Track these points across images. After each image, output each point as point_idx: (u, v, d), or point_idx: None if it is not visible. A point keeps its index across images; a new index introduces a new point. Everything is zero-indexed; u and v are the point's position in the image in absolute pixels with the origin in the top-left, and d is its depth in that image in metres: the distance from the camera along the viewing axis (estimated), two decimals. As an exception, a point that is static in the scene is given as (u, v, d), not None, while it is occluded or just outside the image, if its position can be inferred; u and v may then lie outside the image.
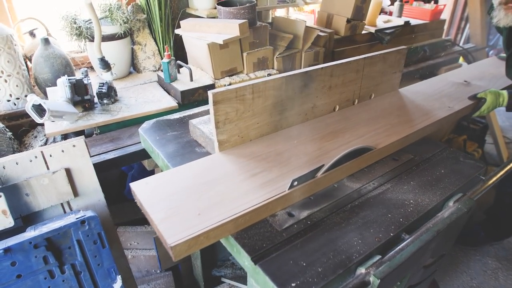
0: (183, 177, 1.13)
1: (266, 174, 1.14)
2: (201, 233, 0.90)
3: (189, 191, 1.06)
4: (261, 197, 1.03)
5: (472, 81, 1.96)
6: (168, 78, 1.96)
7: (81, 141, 1.35)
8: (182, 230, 0.90)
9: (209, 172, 1.15)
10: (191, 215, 0.96)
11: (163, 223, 0.93)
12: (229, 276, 1.88)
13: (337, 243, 0.99)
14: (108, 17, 2.05)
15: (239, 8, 1.98)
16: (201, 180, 1.11)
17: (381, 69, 1.65)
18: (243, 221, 0.98)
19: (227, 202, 1.01)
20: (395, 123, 1.47)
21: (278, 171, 1.16)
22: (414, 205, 1.14)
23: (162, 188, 1.07)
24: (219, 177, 1.13)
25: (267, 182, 1.10)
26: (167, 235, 0.88)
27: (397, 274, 0.98)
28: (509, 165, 1.44)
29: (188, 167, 1.19)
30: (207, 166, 1.18)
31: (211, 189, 1.07)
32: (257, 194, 1.04)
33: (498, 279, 2.22)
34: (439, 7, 3.14)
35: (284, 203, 1.08)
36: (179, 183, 1.10)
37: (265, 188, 1.07)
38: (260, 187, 1.07)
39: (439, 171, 1.32)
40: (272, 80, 1.27)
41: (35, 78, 1.91)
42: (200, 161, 1.22)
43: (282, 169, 1.17)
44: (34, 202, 1.28)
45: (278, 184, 1.09)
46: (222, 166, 1.18)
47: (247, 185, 1.08)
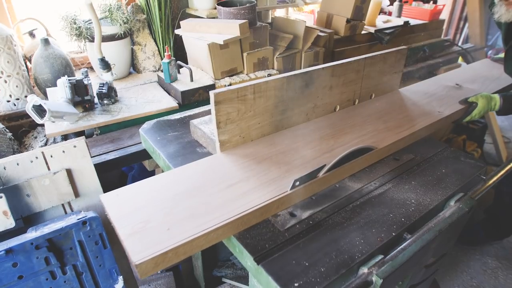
0: (161, 186, 1.07)
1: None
2: (169, 249, 0.84)
3: (163, 203, 1.00)
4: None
5: (464, 84, 1.91)
6: (168, 79, 1.96)
7: (82, 142, 1.35)
8: (149, 247, 0.85)
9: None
10: (160, 230, 0.90)
11: (129, 238, 0.88)
12: (230, 276, 1.88)
13: (339, 243, 0.99)
14: (108, 17, 2.05)
15: (239, 8, 1.98)
16: (183, 187, 1.06)
17: (381, 69, 1.66)
18: (215, 235, 0.93)
19: (202, 213, 0.96)
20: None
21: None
22: (415, 205, 1.14)
23: (134, 200, 1.02)
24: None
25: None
26: (133, 252, 0.83)
27: (400, 274, 0.98)
28: (509, 164, 1.45)
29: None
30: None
31: (187, 199, 1.02)
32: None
33: (498, 278, 2.22)
34: (438, 7, 3.15)
35: (286, 204, 1.08)
36: (154, 193, 1.04)
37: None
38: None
39: (440, 170, 1.33)
40: (273, 80, 1.27)
41: (35, 78, 1.90)
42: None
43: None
44: (35, 202, 1.28)
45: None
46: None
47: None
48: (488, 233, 2.37)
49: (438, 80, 1.99)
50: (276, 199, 1.03)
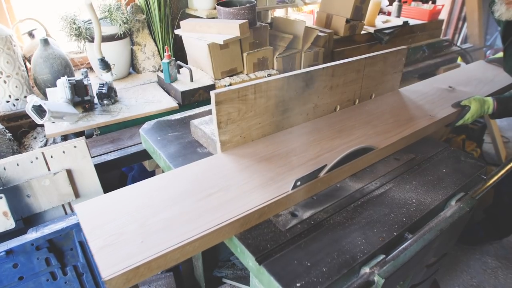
0: (143, 193, 1.03)
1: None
2: (141, 264, 0.80)
3: (140, 213, 0.96)
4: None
5: (458, 87, 1.88)
6: (168, 79, 1.95)
7: (82, 142, 1.35)
8: (121, 261, 0.80)
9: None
10: (134, 243, 0.86)
11: (100, 252, 0.83)
12: (231, 277, 1.88)
13: (341, 242, 0.98)
14: (108, 17, 2.05)
15: (239, 9, 1.98)
16: (167, 194, 1.02)
17: (381, 69, 1.66)
18: (191, 248, 0.88)
19: (181, 224, 0.92)
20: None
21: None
22: (416, 205, 1.14)
23: (111, 209, 0.97)
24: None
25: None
26: (103, 267, 0.79)
27: (401, 274, 0.98)
28: (509, 164, 1.45)
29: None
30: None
31: (168, 208, 0.97)
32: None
33: (498, 277, 2.22)
34: (438, 7, 3.16)
35: (287, 204, 1.08)
36: (133, 202, 1.00)
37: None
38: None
39: (441, 170, 1.33)
40: (274, 80, 1.27)
41: (35, 78, 1.90)
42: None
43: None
44: (35, 203, 1.28)
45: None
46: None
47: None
48: (488, 233, 2.37)
49: (431, 82, 1.95)
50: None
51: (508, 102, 1.63)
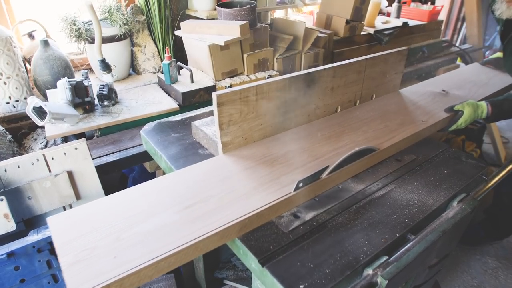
0: (120, 204, 0.99)
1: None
2: (112, 281, 0.76)
3: (116, 225, 0.91)
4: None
5: (451, 91, 1.83)
6: (168, 80, 1.95)
7: (83, 144, 1.35)
8: (91, 278, 0.76)
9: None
10: (106, 258, 0.81)
11: (70, 268, 0.79)
12: (232, 278, 1.87)
13: (343, 244, 0.98)
14: (108, 18, 2.04)
15: (239, 10, 1.98)
16: (146, 204, 0.99)
17: (382, 70, 1.66)
18: (166, 264, 0.84)
19: (159, 237, 0.87)
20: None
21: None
22: (418, 206, 1.14)
23: (85, 222, 0.93)
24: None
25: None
26: (72, 285, 0.74)
27: (404, 275, 0.98)
28: (510, 165, 1.45)
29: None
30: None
31: (147, 219, 0.93)
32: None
33: (498, 278, 2.23)
34: (437, 8, 3.16)
35: (290, 205, 1.08)
36: (110, 214, 0.95)
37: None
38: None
39: (442, 171, 1.33)
40: (276, 82, 1.27)
41: (35, 80, 1.90)
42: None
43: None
44: (36, 205, 1.28)
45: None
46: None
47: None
48: (488, 233, 2.38)
49: (425, 85, 1.90)
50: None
51: (502, 104, 1.60)
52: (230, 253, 1.94)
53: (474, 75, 2.09)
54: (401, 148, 1.43)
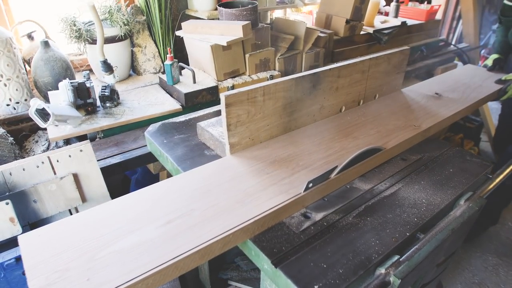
0: (93, 222, 0.93)
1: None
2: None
3: (91, 243, 0.86)
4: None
5: (444, 93, 1.81)
6: (171, 81, 1.94)
7: (88, 146, 1.34)
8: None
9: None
10: (79, 281, 0.76)
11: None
12: (236, 279, 1.87)
13: (355, 244, 0.99)
14: (108, 19, 2.03)
15: (241, 10, 1.97)
16: (124, 218, 0.94)
17: (385, 70, 1.67)
18: (144, 286, 0.78)
19: (139, 255, 0.82)
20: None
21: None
22: (426, 205, 1.15)
23: (59, 239, 0.87)
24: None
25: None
26: None
27: (416, 274, 0.99)
28: (514, 163, 1.47)
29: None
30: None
31: (124, 237, 0.88)
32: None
33: (499, 275, 2.25)
34: (434, 7, 3.18)
35: (300, 205, 1.08)
36: (84, 232, 0.89)
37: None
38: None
39: (448, 170, 1.34)
40: (282, 82, 1.27)
41: (35, 81, 1.87)
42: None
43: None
44: (42, 208, 1.26)
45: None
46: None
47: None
48: (479, 224, 2.42)
49: (417, 88, 1.88)
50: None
51: None
52: (233, 253, 1.94)
53: (468, 77, 2.07)
54: (406, 148, 1.43)
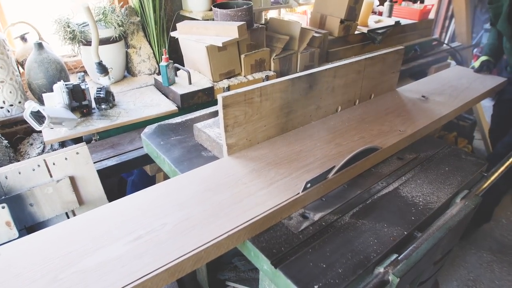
0: (58, 239, 0.88)
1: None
2: None
3: (54, 263, 0.81)
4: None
5: (431, 96, 1.79)
6: (166, 82, 1.93)
7: (85, 148, 1.33)
8: None
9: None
10: None
11: None
12: (234, 279, 1.87)
13: (354, 243, 0.99)
14: (102, 20, 2.02)
15: (236, 10, 1.97)
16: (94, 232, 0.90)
17: (381, 70, 1.68)
18: None
19: (98, 277, 0.78)
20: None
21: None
22: (423, 203, 1.16)
23: (19, 259, 0.82)
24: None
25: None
26: None
27: (414, 272, 0.99)
28: (508, 160, 1.48)
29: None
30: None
31: (90, 255, 0.83)
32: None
33: (494, 271, 2.28)
34: (428, 7, 3.21)
35: (298, 206, 1.09)
36: (48, 250, 0.84)
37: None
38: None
39: (443, 168, 1.35)
40: (279, 83, 1.28)
41: (29, 84, 1.86)
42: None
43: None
44: (38, 212, 1.25)
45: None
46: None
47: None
48: (472, 222, 2.45)
49: (404, 91, 1.86)
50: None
51: None
52: (231, 254, 1.94)
53: (455, 79, 2.06)
54: (403, 147, 1.44)
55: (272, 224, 1.03)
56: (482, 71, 2.14)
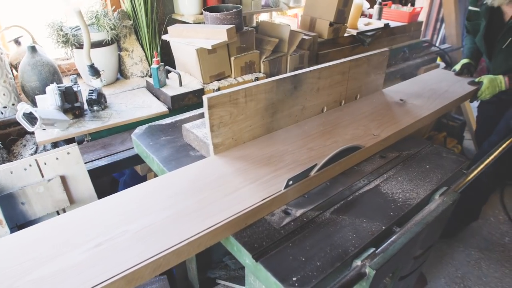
0: (15, 247, 0.87)
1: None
2: None
3: (9, 272, 0.80)
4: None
5: (409, 99, 1.79)
6: (157, 84, 1.97)
7: (76, 148, 1.36)
8: None
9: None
10: None
11: None
12: (224, 277, 1.90)
13: (333, 238, 1.03)
14: (95, 24, 2.05)
15: (226, 14, 2.02)
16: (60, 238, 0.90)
17: (366, 71, 1.72)
18: None
19: (52, 285, 0.77)
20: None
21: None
22: (403, 199, 1.20)
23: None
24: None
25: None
26: None
27: (391, 265, 1.03)
28: (488, 159, 1.53)
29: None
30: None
31: (44, 264, 0.82)
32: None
33: (481, 268, 2.32)
34: (416, 10, 3.26)
35: (280, 202, 1.12)
36: (9, 257, 0.84)
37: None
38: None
39: (424, 166, 1.39)
40: (264, 84, 1.32)
41: (22, 86, 1.89)
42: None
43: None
44: (30, 210, 1.28)
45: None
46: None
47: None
48: (460, 220, 2.49)
49: (383, 93, 1.86)
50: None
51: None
52: (221, 253, 1.97)
53: (435, 82, 2.05)
54: (386, 146, 1.49)
55: (255, 220, 1.07)
56: (463, 74, 2.17)
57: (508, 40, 2.01)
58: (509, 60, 2.08)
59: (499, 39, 2.06)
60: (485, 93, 1.98)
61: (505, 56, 2.08)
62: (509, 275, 2.26)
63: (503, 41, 2.05)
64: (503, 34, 2.03)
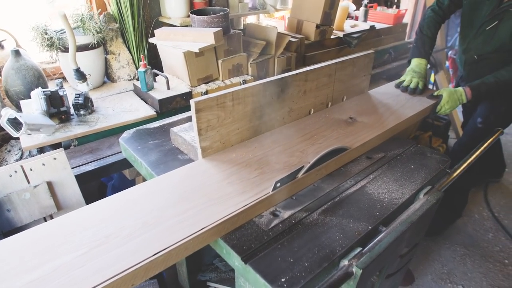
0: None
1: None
2: None
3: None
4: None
5: (360, 117, 1.63)
6: (145, 87, 1.97)
7: (62, 154, 1.35)
8: None
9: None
10: None
11: None
12: (215, 280, 1.91)
13: (320, 238, 1.05)
14: (80, 27, 2.04)
15: (213, 17, 2.02)
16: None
17: (351, 73, 1.75)
18: None
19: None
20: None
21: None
22: (388, 199, 1.22)
23: None
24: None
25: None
26: None
27: (377, 264, 1.05)
28: (470, 158, 1.57)
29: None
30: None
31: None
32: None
33: (466, 264, 2.37)
34: (401, 12, 3.32)
35: (268, 204, 1.14)
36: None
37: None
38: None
39: (409, 166, 1.42)
40: (251, 87, 1.33)
41: (6, 91, 1.87)
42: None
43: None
44: (16, 217, 1.27)
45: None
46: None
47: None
48: (444, 219, 2.54)
49: (335, 110, 1.71)
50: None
51: (479, 87, 1.87)
52: (212, 255, 1.98)
53: (392, 97, 1.87)
54: (372, 147, 1.51)
55: (243, 222, 1.08)
56: (415, 93, 1.94)
57: (494, 23, 1.89)
58: (487, 44, 1.97)
59: (486, 20, 1.92)
60: (444, 107, 1.84)
61: (485, 39, 1.96)
62: (493, 270, 2.32)
63: (489, 22, 1.91)
64: (494, 15, 1.87)
